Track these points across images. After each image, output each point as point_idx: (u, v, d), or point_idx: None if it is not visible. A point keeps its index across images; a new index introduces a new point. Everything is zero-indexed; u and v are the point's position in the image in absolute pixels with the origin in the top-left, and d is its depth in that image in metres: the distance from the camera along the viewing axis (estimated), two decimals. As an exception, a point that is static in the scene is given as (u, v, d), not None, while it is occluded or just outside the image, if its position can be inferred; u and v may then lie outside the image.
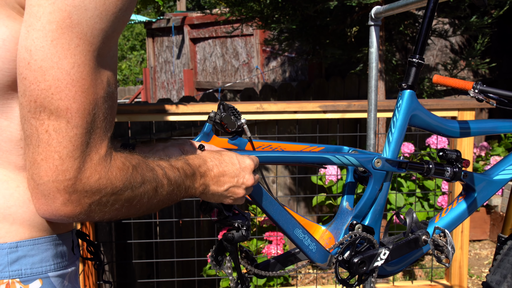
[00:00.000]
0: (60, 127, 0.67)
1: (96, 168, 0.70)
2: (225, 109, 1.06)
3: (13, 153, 0.78)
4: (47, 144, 0.67)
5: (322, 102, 2.43)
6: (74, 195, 0.69)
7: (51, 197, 0.69)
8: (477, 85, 1.42)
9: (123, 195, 0.74)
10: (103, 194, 0.72)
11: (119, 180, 0.73)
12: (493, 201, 3.92)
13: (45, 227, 0.81)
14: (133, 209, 0.78)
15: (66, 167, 0.68)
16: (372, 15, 1.78)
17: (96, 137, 0.71)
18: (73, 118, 0.68)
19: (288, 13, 3.41)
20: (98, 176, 0.70)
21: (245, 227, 1.03)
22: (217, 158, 0.95)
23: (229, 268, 1.16)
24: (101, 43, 0.70)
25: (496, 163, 1.49)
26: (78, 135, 0.68)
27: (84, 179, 0.69)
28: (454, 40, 5.32)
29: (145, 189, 0.78)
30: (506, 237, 1.57)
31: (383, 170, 1.21)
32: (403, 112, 1.25)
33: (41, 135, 0.68)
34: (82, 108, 0.68)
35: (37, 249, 0.79)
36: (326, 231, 1.24)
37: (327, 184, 3.34)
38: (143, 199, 0.78)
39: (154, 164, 0.82)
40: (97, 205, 0.72)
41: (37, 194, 0.71)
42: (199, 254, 3.37)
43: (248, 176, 0.97)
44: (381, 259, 1.19)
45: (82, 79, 0.68)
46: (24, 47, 0.67)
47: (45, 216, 0.72)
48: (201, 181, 0.91)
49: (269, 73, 5.93)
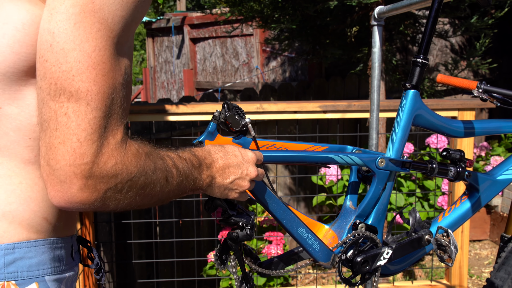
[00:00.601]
0: (79, 109, 0.67)
1: (113, 153, 0.70)
2: (229, 109, 1.05)
3: (20, 143, 0.77)
4: (65, 127, 0.67)
5: (322, 102, 2.43)
6: (90, 180, 0.68)
7: (68, 183, 0.68)
8: (481, 84, 1.42)
9: (137, 181, 0.74)
10: (119, 180, 0.71)
11: (134, 166, 0.73)
12: (493, 201, 3.92)
13: (44, 228, 0.80)
14: (146, 198, 0.77)
15: (84, 151, 0.67)
16: (375, 15, 1.78)
17: (113, 122, 0.71)
18: (93, 101, 0.68)
19: (288, 13, 3.41)
20: (114, 161, 0.70)
21: (250, 226, 1.03)
22: (221, 150, 0.95)
23: (234, 267, 1.16)
24: (120, 31, 0.71)
25: (500, 163, 1.49)
26: (97, 118, 0.68)
27: (101, 164, 0.69)
28: (454, 41, 5.32)
29: (157, 177, 0.77)
30: (509, 237, 1.57)
31: (386, 170, 1.20)
32: (407, 112, 1.25)
33: (60, 118, 0.67)
34: (102, 91, 0.69)
35: (34, 252, 0.78)
36: (329, 230, 1.23)
37: (327, 184, 3.34)
38: (156, 187, 0.78)
39: (164, 154, 0.81)
40: (113, 191, 0.71)
41: (53, 181, 0.69)
42: (199, 254, 3.36)
43: (251, 168, 0.97)
44: (384, 258, 1.19)
45: (102, 63, 0.69)
46: (47, 29, 0.68)
47: (60, 204, 0.70)
48: (207, 172, 0.90)
49: (269, 73, 5.93)
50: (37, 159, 0.79)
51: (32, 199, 0.78)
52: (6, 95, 0.77)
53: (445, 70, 3.78)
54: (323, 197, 3.44)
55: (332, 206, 3.48)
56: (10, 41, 0.76)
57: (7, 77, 0.76)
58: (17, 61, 0.76)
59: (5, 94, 0.77)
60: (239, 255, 1.11)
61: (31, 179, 0.79)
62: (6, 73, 0.76)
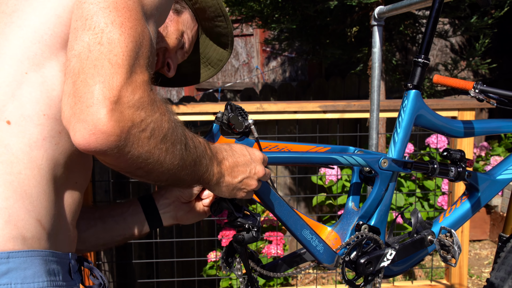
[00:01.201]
0: (113, 38, 0.71)
1: (140, 87, 0.71)
2: (232, 110, 1.05)
3: (33, 120, 0.77)
4: (98, 52, 0.69)
5: (322, 102, 2.43)
6: (119, 105, 0.68)
7: (96, 105, 0.67)
8: (478, 85, 1.42)
9: (160, 127, 0.73)
10: (143, 117, 0.70)
11: (157, 110, 0.73)
12: (493, 201, 3.92)
13: (38, 234, 0.76)
14: (166, 155, 0.75)
15: (115, 72, 0.69)
16: (375, 15, 1.78)
17: (141, 63, 0.73)
18: (126, 33, 0.71)
19: (288, 13, 3.41)
20: (141, 93, 0.71)
21: (256, 228, 1.03)
22: (229, 149, 0.94)
23: (239, 270, 1.15)
24: (150, 6, 0.79)
25: (499, 163, 1.49)
26: (128, 48, 0.71)
27: (129, 91, 0.69)
28: (454, 40, 5.32)
29: (177, 136, 0.77)
30: (508, 236, 1.57)
31: (389, 170, 1.20)
32: (408, 112, 1.25)
33: (93, 47, 0.70)
34: (134, 28, 0.73)
35: (30, 262, 0.73)
36: (332, 232, 1.23)
37: (327, 184, 3.34)
38: (176, 147, 0.77)
39: (182, 123, 0.82)
40: (137, 130, 0.70)
41: (79, 108, 0.68)
42: (199, 254, 3.36)
43: (259, 167, 0.96)
44: (387, 259, 1.19)
45: (135, 10, 0.75)
46: None
47: (83, 138, 0.68)
48: (217, 168, 0.89)
49: (269, 73, 5.93)
50: (44, 144, 0.78)
51: (27, 195, 0.76)
52: (36, 60, 0.78)
53: (445, 70, 3.78)
54: (323, 197, 3.44)
55: (332, 206, 3.48)
56: (55, 5, 0.79)
57: (43, 40, 0.78)
58: (57, 24, 0.78)
59: (35, 59, 0.78)
60: (245, 258, 1.11)
61: (31, 169, 0.77)
62: (43, 36, 0.78)
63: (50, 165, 0.79)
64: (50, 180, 0.80)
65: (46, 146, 0.78)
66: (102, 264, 2.85)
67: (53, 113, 0.79)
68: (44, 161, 0.78)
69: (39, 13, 0.79)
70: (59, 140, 0.80)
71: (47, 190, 0.79)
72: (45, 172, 0.78)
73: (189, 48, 1.18)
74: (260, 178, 0.97)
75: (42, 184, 0.78)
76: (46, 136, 0.78)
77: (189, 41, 1.16)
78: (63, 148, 0.81)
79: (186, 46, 1.16)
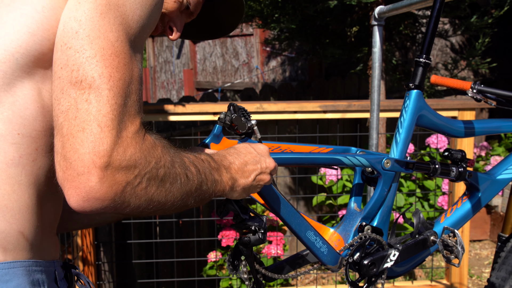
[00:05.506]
0: (101, 94, 0.68)
1: (132, 141, 0.69)
2: (235, 110, 1.04)
3: (7, 139, 0.75)
4: (86, 113, 0.67)
5: (322, 102, 2.43)
6: (109, 170, 0.66)
7: (86, 174, 0.66)
8: (475, 85, 1.42)
9: (156, 173, 0.72)
10: (138, 172, 0.69)
11: (151, 156, 0.71)
12: (493, 201, 3.92)
13: (21, 245, 0.75)
14: (168, 195, 0.74)
15: (104, 136, 0.66)
16: (376, 15, 1.78)
17: (132, 112, 0.71)
18: (115, 87, 0.69)
19: (288, 13, 3.41)
20: (133, 150, 0.69)
21: (262, 230, 1.02)
22: (234, 152, 0.93)
23: (245, 273, 1.14)
24: (137, 30, 0.75)
25: (499, 163, 1.49)
26: (118, 104, 0.69)
27: (120, 152, 0.67)
28: (454, 40, 5.32)
29: (176, 171, 0.75)
30: (507, 236, 1.57)
31: (392, 171, 1.20)
32: (410, 112, 1.24)
33: (80, 105, 0.67)
34: (123, 78, 0.70)
35: (12, 274, 0.73)
36: (335, 233, 1.23)
37: (327, 183, 3.33)
38: (176, 183, 0.75)
39: (179, 151, 0.80)
40: (132, 186, 0.69)
41: (70, 175, 0.67)
42: (199, 254, 3.36)
43: (268, 159, 0.95)
44: (390, 260, 1.18)
45: (124, 53, 0.71)
46: (73, 17, 0.70)
47: (78, 203, 0.67)
48: (227, 175, 0.88)
49: (269, 73, 5.93)
50: (21, 161, 0.76)
51: (8, 208, 0.74)
52: (6, 79, 0.75)
53: (445, 70, 3.78)
54: (323, 197, 3.43)
55: (332, 206, 3.48)
56: (28, 21, 0.76)
57: (14, 59, 0.75)
58: (30, 43, 0.75)
59: (6, 77, 0.75)
60: (251, 260, 1.10)
61: (10, 185, 0.75)
62: (15, 54, 0.75)
63: (30, 180, 0.78)
64: (33, 194, 0.78)
65: (24, 163, 0.77)
66: (102, 264, 2.84)
67: (28, 132, 0.77)
68: (24, 177, 0.77)
69: (10, 30, 0.76)
70: (36, 156, 0.78)
71: (29, 203, 0.78)
72: (26, 187, 0.77)
73: (196, 7, 1.10)
74: (272, 170, 0.96)
75: (24, 198, 0.77)
76: (23, 154, 0.77)
77: (195, 0, 1.09)
78: (41, 164, 0.79)
79: (192, 6, 1.08)
